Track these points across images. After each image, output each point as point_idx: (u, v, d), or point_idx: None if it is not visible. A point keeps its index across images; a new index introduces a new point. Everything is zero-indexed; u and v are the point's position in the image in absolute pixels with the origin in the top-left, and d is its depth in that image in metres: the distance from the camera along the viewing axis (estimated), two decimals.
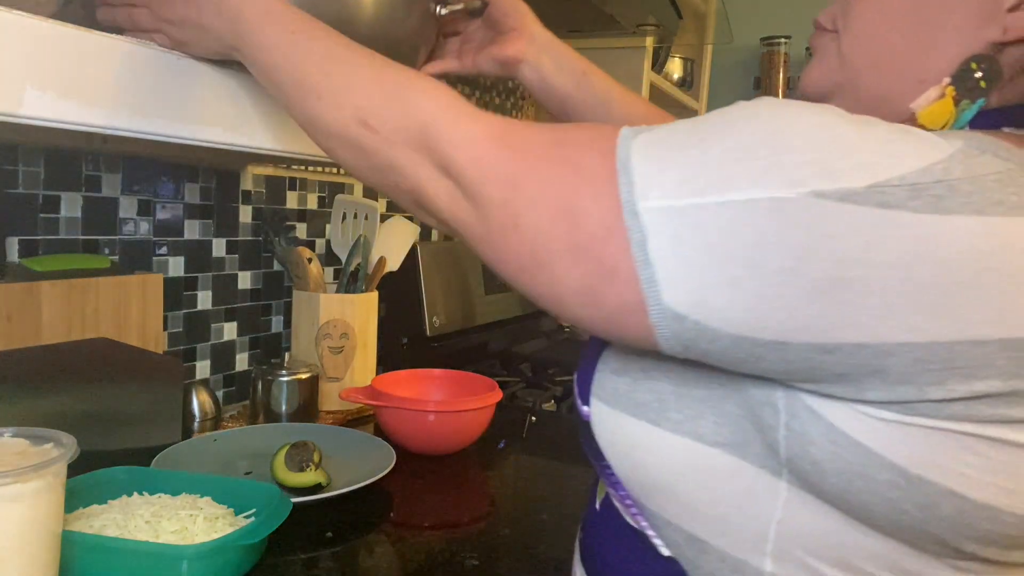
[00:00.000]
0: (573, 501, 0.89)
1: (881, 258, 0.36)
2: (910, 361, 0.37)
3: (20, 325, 0.78)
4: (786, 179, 0.37)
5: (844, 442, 0.40)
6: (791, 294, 0.37)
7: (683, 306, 0.39)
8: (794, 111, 0.40)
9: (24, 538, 0.49)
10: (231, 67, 0.65)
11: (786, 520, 0.44)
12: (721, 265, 0.38)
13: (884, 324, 0.37)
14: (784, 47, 2.49)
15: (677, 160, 0.40)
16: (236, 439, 0.94)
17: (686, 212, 0.38)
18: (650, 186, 0.40)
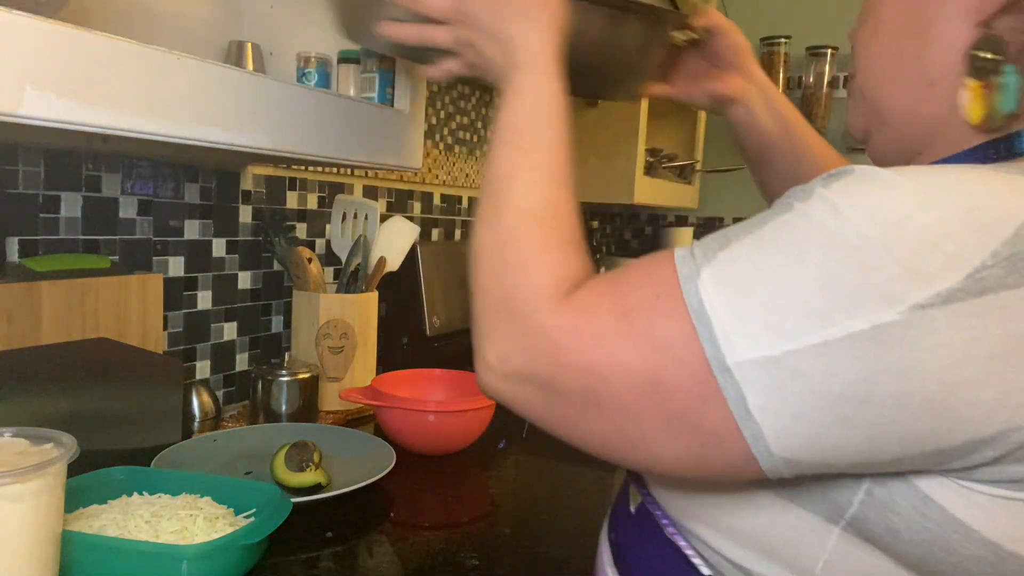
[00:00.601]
0: (573, 501, 0.89)
1: (988, 349, 0.34)
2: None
3: (20, 325, 0.78)
4: (881, 300, 0.35)
5: (936, 515, 0.39)
6: (908, 415, 0.35)
7: (795, 452, 0.38)
8: (858, 211, 0.36)
9: (24, 538, 0.49)
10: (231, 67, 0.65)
11: (834, 562, 0.42)
12: (830, 408, 0.36)
13: (1001, 410, 0.35)
14: (784, 47, 2.49)
15: (755, 303, 0.37)
16: (236, 439, 0.94)
17: (781, 361, 0.36)
18: (734, 337, 0.37)
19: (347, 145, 0.83)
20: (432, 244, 1.45)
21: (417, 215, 1.61)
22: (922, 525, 0.39)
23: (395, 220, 1.27)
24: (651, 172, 2.20)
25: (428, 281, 1.39)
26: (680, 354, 0.38)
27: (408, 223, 1.27)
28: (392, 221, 1.27)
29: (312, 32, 0.98)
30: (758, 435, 0.37)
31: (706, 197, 2.75)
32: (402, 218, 1.28)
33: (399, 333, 1.39)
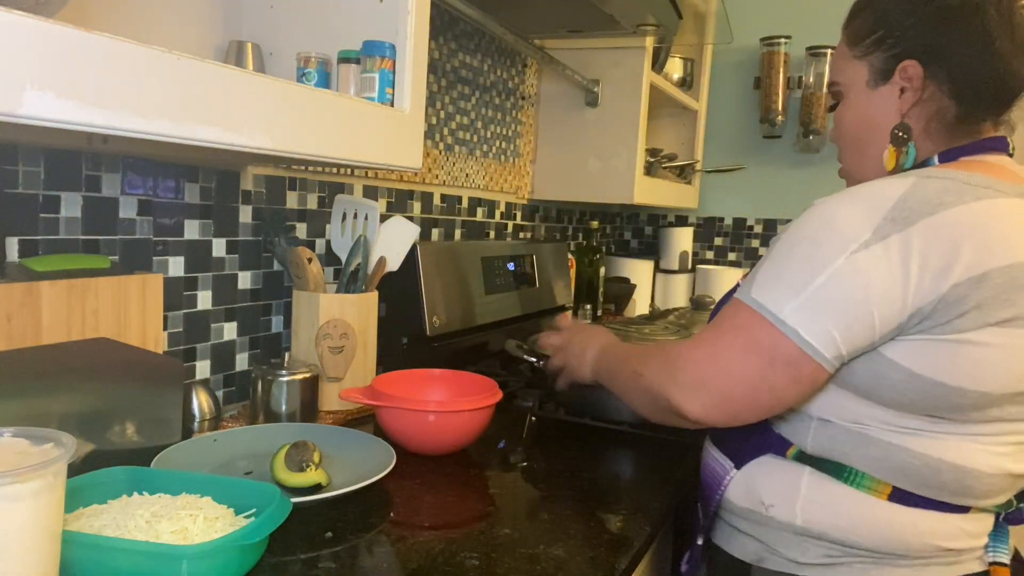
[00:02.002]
0: (573, 500, 0.89)
1: (892, 264, 0.71)
2: (941, 306, 0.70)
3: (20, 325, 0.78)
4: (835, 255, 0.71)
5: (876, 359, 0.74)
6: (874, 309, 0.71)
7: (837, 349, 0.72)
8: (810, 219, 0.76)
9: (24, 538, 0.49)
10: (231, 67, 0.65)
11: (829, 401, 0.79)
12: (837, 315, 0.71)
13: (912, 296, 0.70)
14: (784, 47, 2.49)
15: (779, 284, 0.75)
16: (236, 439, 0.94)
17: (803, 302, 0.73)
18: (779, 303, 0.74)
19: (347, 145, 0.83)
20: (432, 244, 1.45)
21: (417, 215, 1.61)
22: (869, 367, 0.74)
23: (395, 220, 1.27)
24: (651, 172, 2.20)
25: (428, 281, 1.39)
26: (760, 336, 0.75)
27: (408, 223, 1.27)
28: (392, 221, 1.27)
29: (312, 32, 0.98)
30: (815, 350, 0.72)
31: (706, 197, 2.75)
32: (402, 218, 1.28)
33: (399, 333, 1.39)
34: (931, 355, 0.72)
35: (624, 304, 2.43)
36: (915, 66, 0.82)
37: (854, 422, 0.77)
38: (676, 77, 2.41)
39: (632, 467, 1.05)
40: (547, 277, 1.90)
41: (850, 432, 0.77)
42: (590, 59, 2.01)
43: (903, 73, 0.82)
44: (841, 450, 0.78)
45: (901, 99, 0.83)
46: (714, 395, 0.76)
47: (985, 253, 0.69)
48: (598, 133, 2.03)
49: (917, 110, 0.83)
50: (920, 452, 0.75)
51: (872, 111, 0.86)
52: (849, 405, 0.77)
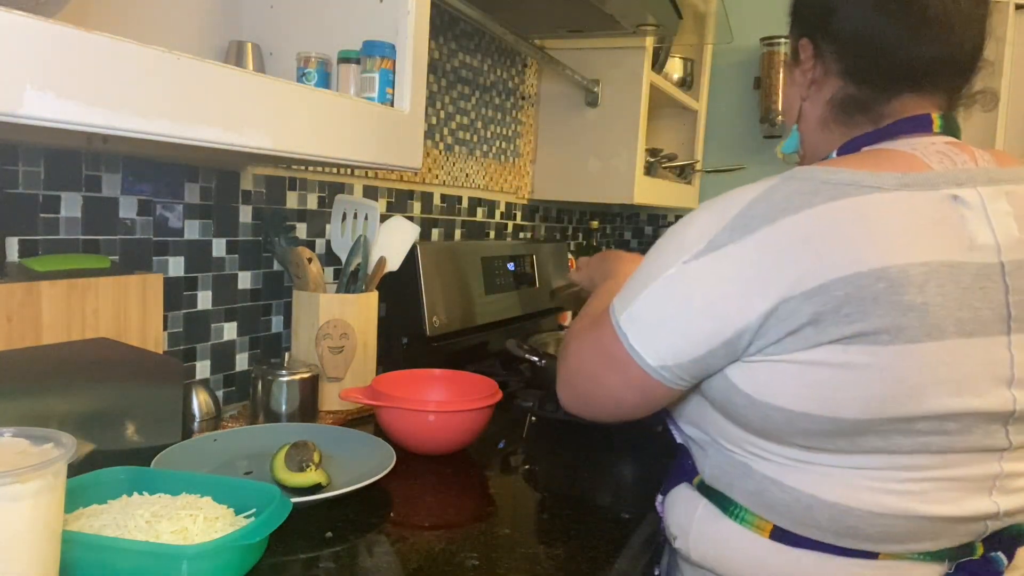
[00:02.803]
0: (573, 500, 0.89)
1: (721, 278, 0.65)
2: (771, 323, 0.63)
3: (20, 325, 0.78)
4: (668, 264, 0.68)
5: (723, 382, 0.68)
6: (697, 321, 0.66)
7: (663, 359, 0.68)
8: (674, 227, 0.72)
9: (24, 538, 0.49)
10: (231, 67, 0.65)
11: (703, 414, 0.75)
12: (662, 326, 0.68)
13: (738, 315, 0.64)
14: (784, 47, 2.49)
15: (626, 289, 0.72)
16: (236, 439, 0.94)
17: (632, 312, 0.70)
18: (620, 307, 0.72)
19: (347, 145, 0.83)
20: (432, 244, 1.45)
21: (417, 215, 1.62)
22: (720, 389, 0.69)
23: (395, 220, 1.27)
24: (651, 172, 2.19)
25: (428, 281, 1.39)
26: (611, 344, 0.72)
27: (408, 223, 1.27)
28: (392, 221, 1.27)
29: (312, 32, 0.98)
30: (640, 356, 0.69)
31: (706, 197, 2.75)
32: (402, 218, 1.28)
33: (399, 333, 1.39)
34: (768, 378, 0.64)
35: None
36: (807, 45, 0.77)
37: (739, 448, 0.71)
38: (676, 77, 2.41)
39: (632, 467, 1.05)
40: (547, 277, 1.90)
41: (734, 461, 0.72)
42: (590, 59, 2.01)
43: (803, 52, 0.77)
44: (727, 481, 0.73)
45: (802, 79, 0.78)
46: (574, 388, 0.79)
47: (822, 263, 0.60)
48: (598, 133, 2.03)
49: (815, 94, 0.77)
50: (791, 486, 0.67)
51: (789, 92, 0.82)
52: (730, 433, 0.71)
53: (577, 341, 0.78)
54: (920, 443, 0.63)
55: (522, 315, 1.73)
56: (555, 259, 1.97)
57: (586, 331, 0.76)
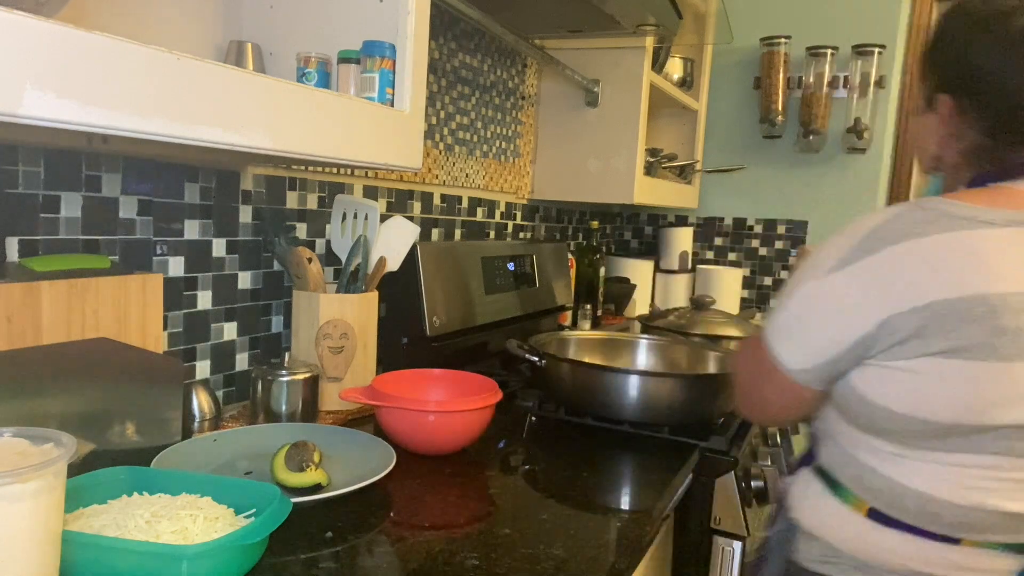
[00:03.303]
0: (573, 500, 0.89)
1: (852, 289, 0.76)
2: (883, 332, 0.73)
3: (20, 325, 0.78)
4: (810, 277, 0.79)
5: (843, 381, 0.80)
6: (831, 325, 0.77)
7: (802, 364, 0.80)
8: (811, 255, 0.81)
9: (24, 538, 0.49)
10: (231, 67, 0.65)
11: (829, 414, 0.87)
12: (805, 332, 0.79)
13: (860, 323, 0.75)
14: (784, 47, 2.49)
15: (774, 309, 0.84)
16: (236, 439, 0.94)
17: (778, 319, 0.83)
18: (769, 324, 0.84)
19: (347, 145, 0.83)
20: (432, 244, 1.45)
21: (417, 215, 1.62)
22: (838, 388, 0.81)
23: (395, 220, 1.27)
24: (651, 172, 2.19)
25: (428, 281, 1.39)
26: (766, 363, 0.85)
27: (408, 223, 1.27)
28: (392, 221, 1.27)
29: (312, 32, 0.98)
30: (783, 364, 0.81)
31: (706, 197, 2.75)
32: (402, 218, 1.28)
33: (399, 333, 1.39)
34: (879, 381, 0.76)
35: (624, 304, 2.43)
36: (947, 101, 0.84)
37: (848, 439, 0.83)
38: (676, 77, 2.41)
39: (632, 467, 1.05)
40: (547, 277, 1.90)
41: (844, 451, 0.84)
42: (590, 59, 2.01)
43: (940, 105, 0.85)
44: (836, 466, 0.85)
45: (939, 129, 0.86)
46: (743, 399, 0.92)
47: (932, 284, 0.71)
48: (598, 133, 2.03)
49: (953, 141, 0.85)
50: (885, 475, 0.79)
51: (925, 132, 0.89)
52: (842, 427, 0.84)
53: (740, 357, 0.94)
54: (1001, 447, 0.74)
55: (522, 315, 1.73)
56: (555, 259, 1.97)
57: (746, 348, 0.91)
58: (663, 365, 1.51)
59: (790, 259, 1.22)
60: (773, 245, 2.68)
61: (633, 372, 1.21)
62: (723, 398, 1.20)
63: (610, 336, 1.54)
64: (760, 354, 0.84)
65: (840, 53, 2.47)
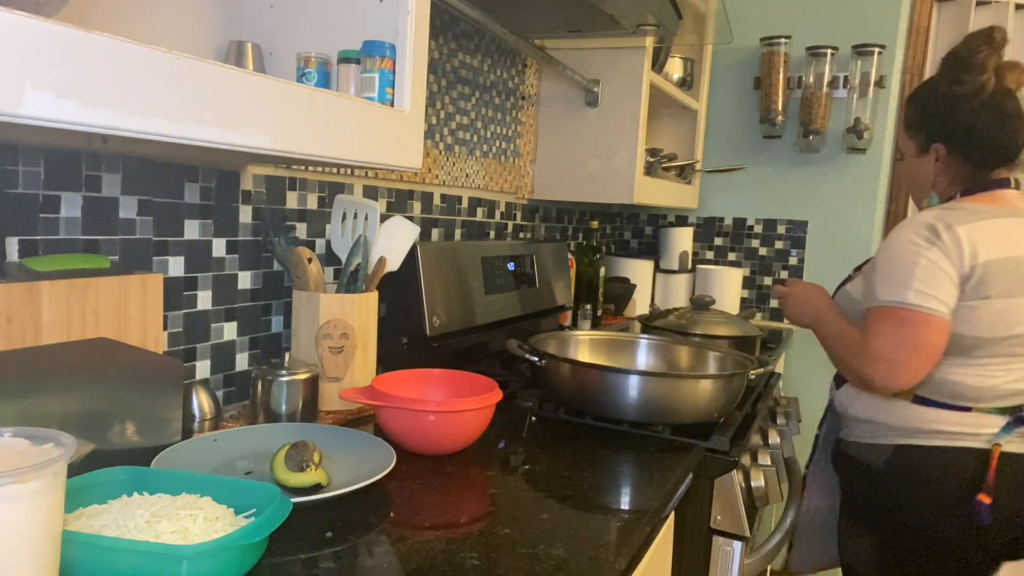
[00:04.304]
0: (573, 500, 0.89)
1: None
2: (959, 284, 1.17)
3: (20, 325, 0.78)
4: (911, 256, 1.20)
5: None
6: (947, 283, 1.17)
7: (947, 306, 1.17)
8: (888, 245, 1.24)
9: (24, 538, 0.49)
10: (231, 67, 0.65)
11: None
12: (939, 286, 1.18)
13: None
14: (784, 47, 2.49)
15: (891, 284, 1.21)
16: (236, 439, 0.94)
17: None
18: (900, 293, 1.20)
19: (347, 145, 0.83)
20: (432, 244, 1.45)
21: (417, 215, 1.62)
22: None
23: (395, 220, 1.27)
24: (651, 172, 2.19)
25: (428, 281, 1.39)
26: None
27: (408, 223, 1.27)
28: (392, 221, 1.27)
29: (312, 32, 0.98)
30: (933, 310, 1.17)
31: (706, 197, 2.75)
32: (402, 218, 1.28)
33: (399, 333, 1.39)
34: (957, 314, 1.18)
35: (624, 304, 2.43)
36: (940, 148, 1.30)
37: None
38: (676, 77, 2.41)
39: (632, 467, 1.05)
40: (547, 277, 1.90)
41: None
42: (590, 59, 2.01)
43: (935, 152, 1.31)
44: None
45: (935, 167, 1.31)
46: (894, 364, 1.18)
47: (985, 251, 1.16)
48: (598, 133, 2.03)
49: (944, 171, 1.31)
50: (940, 376, 1.21)
51: (921, 170, 1.35)
52: None
53: (872, 339, 1.20)
54: (1009, 350, 1.19)
55: (522, 315, 1.73)
56: (555, 259, 1.97)
57: (876, 330, 1.20)
58: (663, 365, 1.51)
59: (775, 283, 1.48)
60: (773, 245, 2.68)
61: (633, 372, 1.21)
62: (723, 398, 1.20)
63: (610, 336, 1.54)
64: (905, 318, 1.17)
65: (840, 53, 2.47)
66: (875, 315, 1.20)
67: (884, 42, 2.43)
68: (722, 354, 1.45)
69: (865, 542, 1.31)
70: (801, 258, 2.65)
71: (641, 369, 1.46)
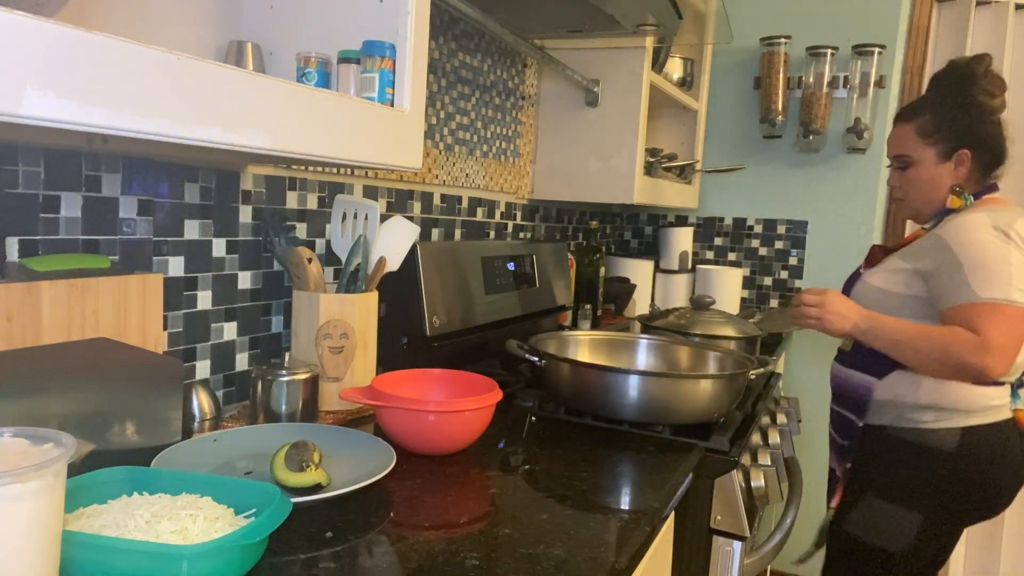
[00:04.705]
0: (573, 500, 0.89)
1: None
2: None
3: (20, 325, 0.78)
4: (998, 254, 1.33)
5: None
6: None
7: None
8: (960, 244, 1.36)
9: (24, 538, 0.49)
10: (231, 67, 0.65)
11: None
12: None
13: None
14: (784, 47, 2.49)
15: (996, 281, 1.32)
16: (236, 439, 0.94)
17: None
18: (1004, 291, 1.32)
19: (347, 145, 0.83)
20: (432, 244, 1.45)
21: (417, 215, 1.62)
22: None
23: (395, 220, 1.27)
24: (651, 172, 2.19)
25: (428, 281, 1.39)
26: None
27: (408, 223, 1.27)
28: (392, 221, 1.27)
29: (312, 32, 0.98)
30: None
31: (706, 197, 2.76)
32: (402, 218, 1.28)
33: (399, 333, 1.39)
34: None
35: (624, 304, 2.43)
36: (968, 153, 1.43)
37: None
38: (676, 77, 2.41)
39: (632, 467, 1.05)
40: (547, 277, 1.90)
41: None
42: (590, 59, 2.01)
43: (959, 158, 1.44)
44: None
45: (956, 171, 1.45)
46: (1008, 356, 1.28)
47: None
48: (598, 133, 2.03)
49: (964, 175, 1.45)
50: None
51: (940, 176, 1.46)
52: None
53: (993, 335, 1.27)
54: None
55: (522, 315, 1.73)
56: (555, 259, 1.97)
57: (990, 325, 1.28)
58: (663, 365, 1.51)
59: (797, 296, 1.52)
60: (773, 245, 2.68)
61: (633, 372, 1.21)
62: (723, 398, 1.20)
63: (610, 336, 1.54)
64: (1010, 318, 1.28)
65: (840, 53, 2.47)
66: (984, 311, 1.29)
67: (884, 42, 2.43)
68: (722, 354, 1.45)
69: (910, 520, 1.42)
70: (801, 258, 2.65)
71: (641, 369, 1.46)
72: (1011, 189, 2.14)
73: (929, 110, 1.46)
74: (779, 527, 1.27)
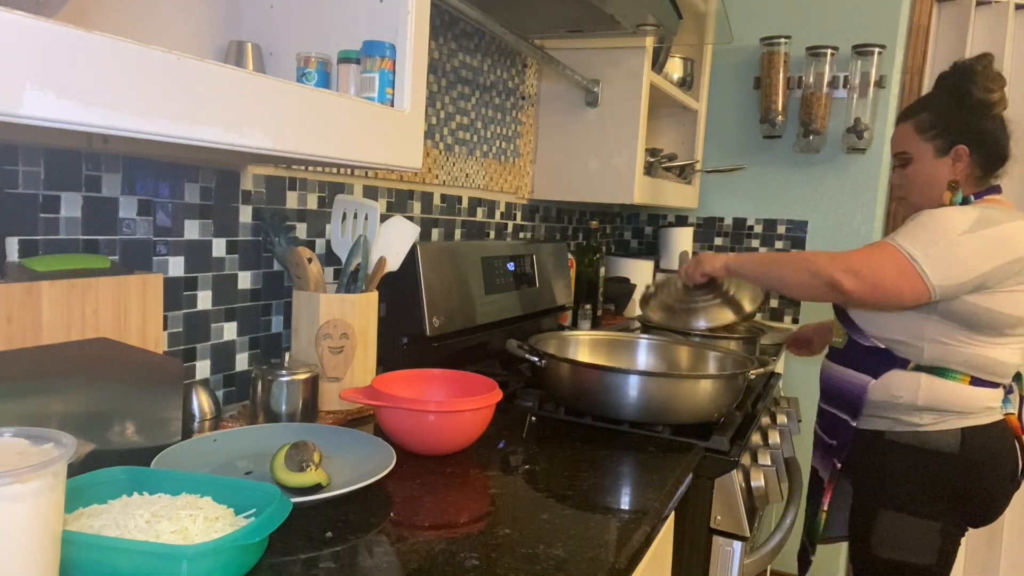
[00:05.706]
0: (573, 500, 0.89)
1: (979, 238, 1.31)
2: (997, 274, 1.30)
3: (20, 325, 0.78)
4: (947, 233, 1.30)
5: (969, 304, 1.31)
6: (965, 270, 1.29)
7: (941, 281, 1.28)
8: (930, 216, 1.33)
9: (24, 538, 0.49)
10: (231, 67, 0.65)
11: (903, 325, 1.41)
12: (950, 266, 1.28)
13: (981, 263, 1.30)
14: (784, 47, 2.49)
15: (915, 240, 1.30)
16: (236, 439, 0.94)
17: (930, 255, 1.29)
18: (914, 248, 1.29)
19: (347, 145, 0.83)
20: (432, 244, 1.45)
21: (417, 215, 1.62)
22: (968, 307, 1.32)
23: (395, 220, 1.27)
24: (651, 172, 2.19)
25: (428, 281, 1.39)
26: (905, 267, 1.30)
27: (408, 223, 1.27)
28: (392, 221, 1.27)
29: (312, 32, 0.98)
30: (926, 275, 1.28)
31: (706, 197, 2.75)
32: (402, 218, 1.28)
33: (399, 333, 1.39)
34: (1001, 299, 1.30)
35: (624, 304, 2.43)
36: (964, 149, 1.41)
37: (953, 341, 1.34)
38: (676, 77, 2.41)
39: (632, 467, 1.05)
40: (547, 277, 1.90)
41: (949, 348, 1.35)
42: (590, 59, 2.01)
43: (955, 153, 1.42)
44: (945, 359, 1.36)
45: (954, 167, 1.43)
46: (864, 280, 1.30)
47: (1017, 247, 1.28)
48: (598, 133, 2.03)
49: (962, 171, 1.43)
50: (987, 355, 1.35)
51: (937, 172, 1.45)
52: (952, 332, 1.34)
53: (867, 255, 1.32)
54: None
55: (522, 315, 1.73)
56: (555, 259, 1.97)
57: (874, 251, 1.32)
58: (663, 365, 1.51)
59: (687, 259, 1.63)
60: (773, 245, 2.68)
61: (633, 372, 1.21)
62: (723, 398, 1.20)
63: (610, 336, 1.54)
64: (899, 260, 1.28)
65: (840, 53, 2.47)
66: (873, 244, 1.34)
67: (884, 42, 2.43)
68: (722, 354, 1.45)
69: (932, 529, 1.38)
70: None
71: (641, 369, 1.46)
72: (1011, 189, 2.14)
73: (928, 107, 1.46)
74: (779, 527, 1.27)
